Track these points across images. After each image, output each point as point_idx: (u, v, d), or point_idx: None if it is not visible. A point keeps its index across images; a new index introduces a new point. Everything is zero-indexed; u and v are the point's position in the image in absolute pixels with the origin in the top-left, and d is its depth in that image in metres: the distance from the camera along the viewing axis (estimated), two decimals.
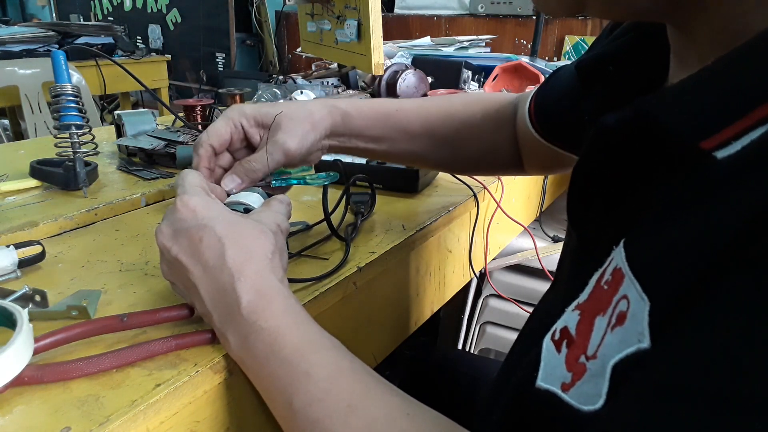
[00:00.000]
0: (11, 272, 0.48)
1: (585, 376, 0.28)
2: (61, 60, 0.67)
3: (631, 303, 0.26)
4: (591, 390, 0.27)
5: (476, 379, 0.76)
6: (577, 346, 0.29)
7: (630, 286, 0.26)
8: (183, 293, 0.42)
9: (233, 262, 0.38)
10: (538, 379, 0.31)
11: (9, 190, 0.69)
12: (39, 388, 0.35)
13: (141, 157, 0.82)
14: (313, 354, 0.37)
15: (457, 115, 0.61)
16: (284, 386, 0.36)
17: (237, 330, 0.37)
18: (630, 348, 0.25)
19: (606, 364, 0.26)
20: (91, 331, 0.39)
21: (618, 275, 0.27)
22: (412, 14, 2.58)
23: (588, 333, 0.28)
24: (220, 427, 0.39)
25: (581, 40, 2.12)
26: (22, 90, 1.74)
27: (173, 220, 0.41)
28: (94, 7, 3.81)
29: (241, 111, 0.52)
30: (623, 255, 0.27)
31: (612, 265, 0.28)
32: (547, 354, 0.31)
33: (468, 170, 0.71)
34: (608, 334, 0.27)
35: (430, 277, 0.69)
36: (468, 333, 1.31)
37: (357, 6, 1.01)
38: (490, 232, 0.83)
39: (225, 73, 3.13)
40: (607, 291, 0.28)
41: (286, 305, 0.39)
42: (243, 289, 0.38)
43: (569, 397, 0.28)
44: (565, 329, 0.31)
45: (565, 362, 0.30)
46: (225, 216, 0.41)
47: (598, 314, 0.28)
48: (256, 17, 3.31)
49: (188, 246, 0.39)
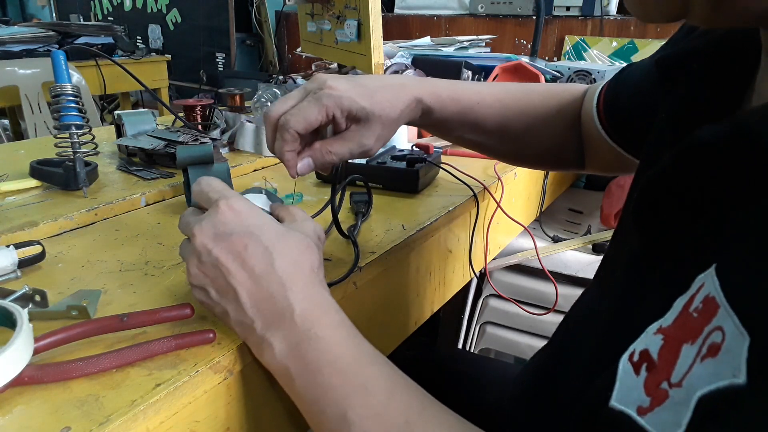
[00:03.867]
0: (11, 272, 0.48)
1: (666, 402, 0.26)
2: (61, 60, 0.67)
3: (727, 336, 0.24)
4: (670, 418, 0.26)
5: (477, 378, 0.76)
6: (658, 372, 0.28)
7: (726, 318, 0.24)
8: (214, 298, 0.40)
9: (283, 271, 0.38)
10: (612, 399, 0.30)
11: (9, 190, 0.69)
12: (39, 388, 0.35)
13: (141, 157, 0.82)
14: (369, 366, 0.37)
15: (533, 111, 0.61)
16: (338, 397, 0.35)
17: (287, 337, 0.37)
18: (722, 382, 0.24)
19: (691, 394, 0.25)
20: (91, 331, 0.39)
21: (711, 305, 0.26)
22: (412, 14, 2.58)
23: (673, 360, 0.27)
24: (220, 427, 0.39)
25: (581, 40, 2.12)
26: (22, 90, 1.74)
27: (216, 222, 0.39)
28: (94, 7, 3.81)
29: (338, 102, 0.48)
30: (717, 284, 0.26)
31: (702, 293, 0.27)
32: (624, 375, 0.30)
33: (531, 163, 0.70)
34: (697, 364, 0.25)
35: (430, 277, 0.69)
36: (468, 333, 1.30)
37: (357, 6, 1.01)
38: (490, 232, 0.83)
39: (225, 73, 3.12)
40: (697, 319, 0.26)
41: (340, 318, 0.39)
42: (296, 298, 0.38)
43: (645, 421, 0.27)
44: (646, 352, 0.29)
45: (644, 386, 0.28)
46: (272, 225, 0.40)
47: (685, 342, 0.27)
48: (256, 17, 3.31)
49: (231, 250, 0.38)
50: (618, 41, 2.03)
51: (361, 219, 0.62)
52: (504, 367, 0.85)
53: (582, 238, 1.17)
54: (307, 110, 0.47)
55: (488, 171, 0.84)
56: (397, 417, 0.34)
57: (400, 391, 0.36)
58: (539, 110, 0.61)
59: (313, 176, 0.79)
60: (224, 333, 0.41)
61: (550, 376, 0.48)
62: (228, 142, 0.91)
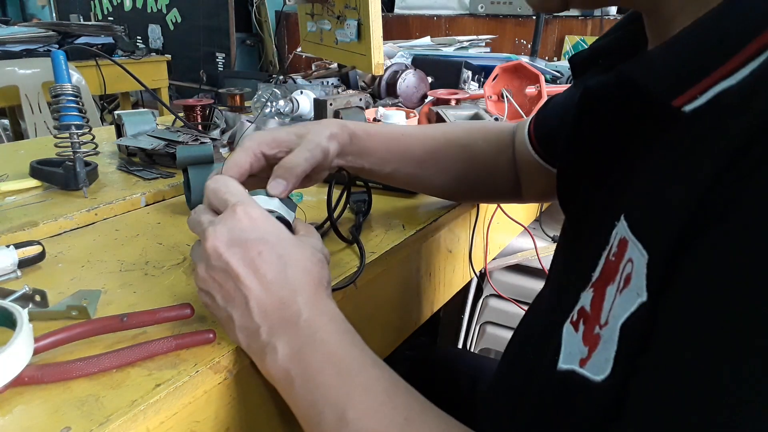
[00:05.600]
0: (11, 272, 0.48)
1: (599, 345, 0.29)
2: (61, 60, 0.67)
3: (635, 262, 0.27)
4: (603, 357, 0.28)
5: (476, 378, 0.76)
6: (592, 320, 0.30)
7: (633, 248, 0.27)
8: (219, 304, 0.39)
9: (295, 279, 0.39)
10: (559, 362, 0.32)
11: (9, 190, 0.69)
12: (39, 388, 0.35)
13: (141, 157, 0.82)
14: (371, 368, 0.37)
15: (458, 140, 0.63)
16: (338, 396, 0.36)
17: (291, 341, 0.37)
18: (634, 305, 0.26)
19: (615, 327, 0.27)
20: (91, 331, 0.39)
21: (623, 243, 0.29)
22: (412, 14, 2.58)
23: (600, 304, 0.30)
24: (220, 427, 0.39)
25: (581, 40, 2.12)
26: (22, 90, 1.74)
27: (232, 228, 0.39)
28: (94, 7, 3.81)
29: (260, 140, 0.50)
30: (626, 225, 0.29)
31: (617, 238, 0.30)
32: (567, 336, 0.32)
33: (468, 196, 0.71)
34: (617, 298, 0.28)
35: (430, 277, 0.69)
36: (468, 333, 1.30)
37: (357, 6, 1.01)
38: (490, 232, 0.83)
39: (225, 73, 3.13)
40: (615, 261, 0.29)
41: (346, 327, 0.39)
42: (305, 304, 0.38)
43: (585, 370, 0.29)
44: (582, 309, 0.32)
45: (583, 338, 0.30)
46: (286, 235, 0.41)
47: (608, 284, 0.29)
48: (256, 17, 3.31)
49: (244, 257, 0.38)
50: None
51: (362, 219, 0.62)
52: None
53: None
54: (234, 157, 0.48)
55: None
56: (397, 415, 0.34)
57: (401, 392, 0.36)
58: (464, 140, 0.63)
59: None
60: (224, 333, 0.41)
61: (511, 363, 0.49)
62: (228, 142, 0.91)
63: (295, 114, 0.98)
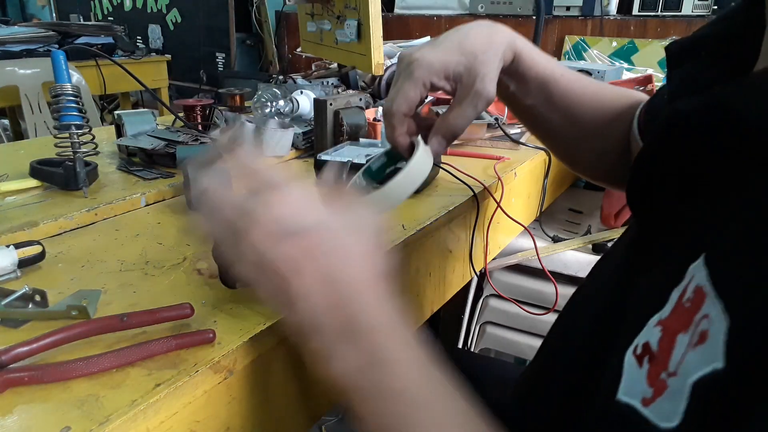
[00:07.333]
0: (11, 272, 0.48)
1: (666, 392, 0.27)
2: (61, 60, 0.67)
3: (713, 322, 0.25)
4: (670, 407, 0.27)
5: (477, 378, 0.76)
6: (658, 363, 0.28)
7: (712, 306, 0.25)
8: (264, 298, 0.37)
9: (352, 278, 0.35)
10: (619, 393, 0.31)
11: (9, 190, 0.69)
12: (39, 388, 0.35)
13: (141, 157, 0.82)
14: (442, 399, 0.36)
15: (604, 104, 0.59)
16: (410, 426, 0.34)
17: (355, 357, 0.35)
18: (708, 367, 0.25)
19: (686, 382, 0.26)
20: (91, 331, 0.39)
21: (700, 294, 0.26)
22: (412, 14, 2.58)
23: (670, 350, 0.28)
24: (220, 427, 0.39)
25: (581, 40, 2.12)
26: (22, 90, 1.74)
27: (279, 217, 0.35)
28: (94, 7, 3.81)
29: (430, 69, 0.46)
30: (705, 273, 0.26)
31: (693, 283, 0.27)
32: (629, 368, 0.31)
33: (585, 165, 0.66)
34: (690, 352, 0.26)
35: (430, 277, 0.69)
36: (468, 333, 1.31)
37: (357, 6, 1.01)
38: (490, 232, 0.83)
39: (225, 73, 3.12)
40: (689, 309, 0.27)
41: (410, 335, 0.37)
42: (365, 310, 0.35)
43: (648, 412, 0.28)
44: (647, 344, 0.30)
45: (647, 377, 0.29)
46: (338, 221, 0.37)
47: (680, 332, 0.28)
48: (256, 17, 3.30)
49: (293, 253, 0.34)
50: (618, 41, 2.03)
51: None
52: (504, 366, 0.85)
53: (582, 238, 1.17)
54: (404, 89, 0.46)
55: (488, 171, 0.84)
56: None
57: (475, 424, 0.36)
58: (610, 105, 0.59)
59: (314, 176, 0.79)
60: (224, 333, 0.41)
61: (543, 373, 0.47)
62: None
63: (295, 114, 0.98)
